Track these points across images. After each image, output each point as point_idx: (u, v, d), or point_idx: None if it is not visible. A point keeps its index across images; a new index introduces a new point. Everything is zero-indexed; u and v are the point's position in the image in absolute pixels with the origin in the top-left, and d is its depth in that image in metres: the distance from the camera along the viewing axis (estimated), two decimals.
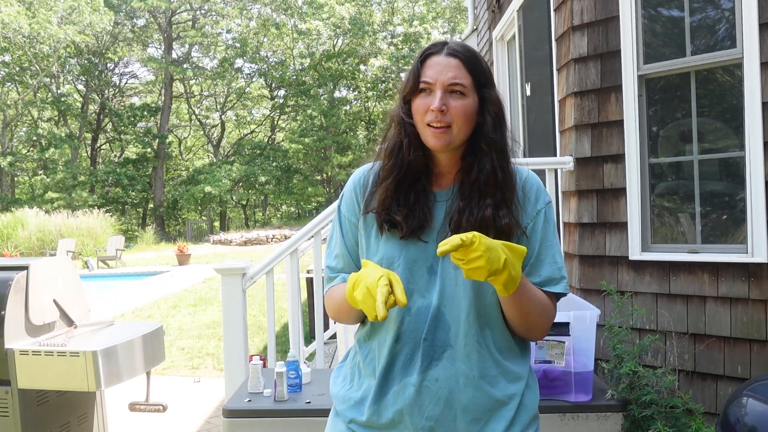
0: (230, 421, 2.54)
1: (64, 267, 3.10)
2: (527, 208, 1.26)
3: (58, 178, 28.04)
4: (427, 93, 1.21)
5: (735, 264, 2.67)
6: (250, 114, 35.29)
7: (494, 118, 1.23)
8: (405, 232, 1.23)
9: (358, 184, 1.35)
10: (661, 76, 2.98)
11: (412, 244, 1.23)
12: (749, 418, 1.84)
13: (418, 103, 1.22)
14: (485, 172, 1.22)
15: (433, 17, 29.09)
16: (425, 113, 1.21)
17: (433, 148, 1.23)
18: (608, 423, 2.48)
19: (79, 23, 26.61)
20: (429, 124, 1.20)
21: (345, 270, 1.35)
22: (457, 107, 1.20)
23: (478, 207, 1.22)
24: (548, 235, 1.28)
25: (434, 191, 1.28)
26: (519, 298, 1.17)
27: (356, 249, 1.34)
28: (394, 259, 1.24)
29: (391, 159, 1.27)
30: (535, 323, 1.24)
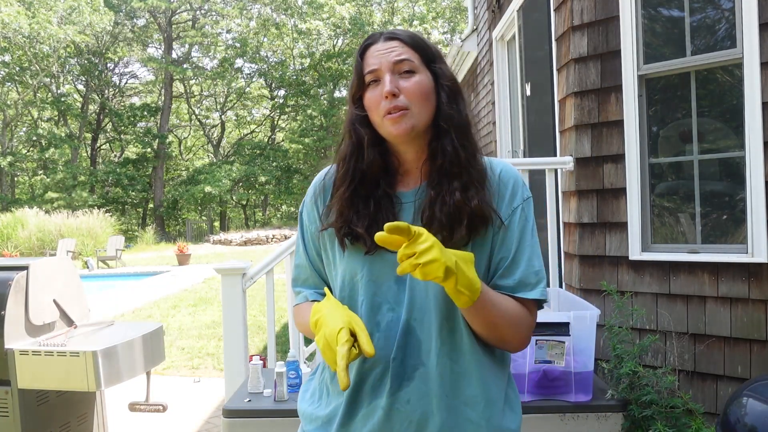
0: (230, 421, 2.55)
1: (64, 267, 3.10)
2: (502, 203, 1.14)
3: (58, 178, 28.03)
4: (375, 84, 1.11)
5: (735, 264, 2.67)
6: (250, 114, 35.29)
7: (449, 93, 1.13)
8: (369, 245, 1.10)
9: (317, 190, 1.24)
10: (661, 76, 2.98)
11: (378, 256, 1.11)
12: (749, 418, 1.85)
13: (369, 97, 1.12)
14: (448, 153, 1.11)
15: (433, 17, 29.08)
16: (379, 104, 1.10)
17: (397, 138, 1.11)
18: (608, 423, 2.48)
19: (79, 23, 26.60)
20: (386, 114, 1.09)
21: (309, 282, 1.25)
22: (410, 86, 1.10)
23: (449, 193, 1.10)
24: (526, 235, 1.14)
25: (399, 193, 1.16)
26: (481, 309, 1.05)
27: (319, 260, 1.23)
28: (356, 273, 1.13)
29: (344, 166, 1.16)
30: (507, 335, 1.10)
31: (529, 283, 1.12)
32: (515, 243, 1.13)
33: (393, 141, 1.13)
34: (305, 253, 1.25)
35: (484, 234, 1.11)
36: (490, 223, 1.10)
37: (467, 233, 1.09)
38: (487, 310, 1.05)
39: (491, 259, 1.14)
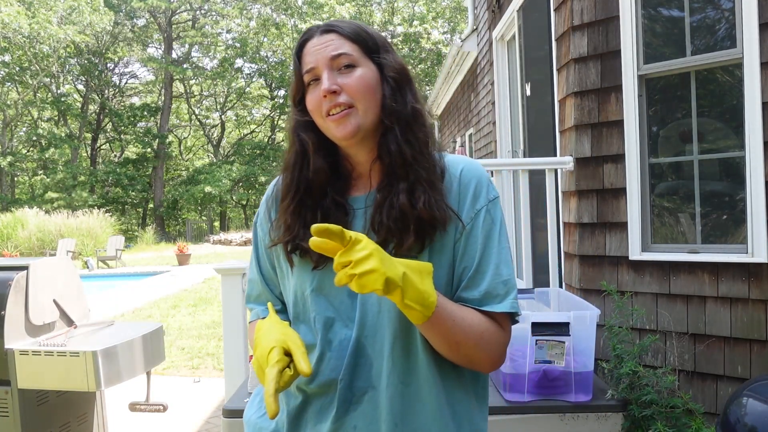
0: (230, 421, 2.54)
1: (64, 267, 3.10)
2: (463, 206, 1.02)
3: (58, 178, 28.05)
4: (315, 83, 1.02)
5: (735, 264, 2.67)
6: (250, 114, 35.31)
7: (393, 86, 1.03)
8: (316, 259, 1.01)
9: (269, 201, 1.15)
10: (661, 76, 2.98)
11: (328, 269, 1.00)
12: (749, 418, 1.84)
13: (310, 98, 1.03)
14: (392, 152, 1.01)
15: (433, 17, 29.09)
16: (320, 105, 1.00)
17: (343, 140, 1.01)
18: (608, 423, 2.48)
19: (79, 23, 26.62)
20: (328, 114, 1.00)
21: (261, 299, 1.16)
22: (351, 81, 1.00)
23: (395, 196, 0.99)
24: (492, 240, 1.01)
25: (351, 198, 1.06)
26: (438, 326, 0.93)
27: (274, 274, 1.14)
28: (306, 288, 1.04)
29: (288, 176, 1.07)
30: (474, 354, 0.98)
31: (497, 294, 0.99)
32: (479, 250, 1.00)
33: (340, 144, 1.04)
34: (258, 267, 1.16)
35: (442, 240, 1.00)
36: (442, 228, 0.99)
37: (416, 240, 0.98)
38: (446, 327, 0.94)
39: (454, 268, 1.02)
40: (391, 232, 0.98)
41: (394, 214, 0.98)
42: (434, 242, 0.99)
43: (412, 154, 1.01)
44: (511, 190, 3.88)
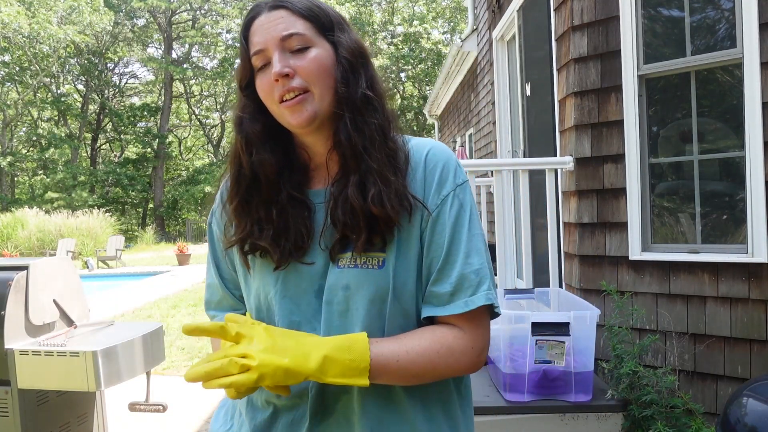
0: None
1: (64, 267, 3.10)
2: (429, 192, 0.94)
3: (58, 178, 28.05)
4: (266, 67, 0.92)
5: (735, 264, 2.67)
6: None
7: (345, 67, 0.93)
8: (278, 260, 0.93)
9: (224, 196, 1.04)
10: (661, 76, 2.98)
11: (292, 270, 0.94)
12: (749, 418, 1.84)
13: (260, 83, 0.94)
14: (343, 143, 0.92)
15: (433, 17, 29.08)
16: (272, 90, 0.91)
17: (298, 128, 0.92)
18: (608, 423, 2.48)
19: (79, 23, 26.61)
20: (281, 100, 0.91)
21: (223, 304, 1.07)
22: (305, 63, 0.90)
23: (345, 188, 0.92)
24: (460, 227, 0.93)
25: (310, 192, 0.98)
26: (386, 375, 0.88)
27: (235, 277, 1.04)
28: (269, 291, 0.96)
29: (233, 170, 0.98)
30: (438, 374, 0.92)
31: (469, 285, 0.91)
32: (447, 238, 0.92)
33: (295, 132, 0.95)
34: (216, 270, 1.06)
35: (409, 231, 0.93)
36: (397, 222, 0.91)
37: (368, 237, 0.90)
38: (394, 371, 0.88)
39: (422, 261, 0.94)
40: (348, 227, 0.91)
41: (348, 208, 0.90)
42: (401, 234, 0.92)
43: (363, 143, 0.92)
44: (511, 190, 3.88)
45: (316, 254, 0.94)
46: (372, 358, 0.86)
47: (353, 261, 0.91)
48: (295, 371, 0.83)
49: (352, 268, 0.91)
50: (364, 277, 0.91)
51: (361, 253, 0.91)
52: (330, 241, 0.93)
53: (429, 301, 0.94)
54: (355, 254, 0.91)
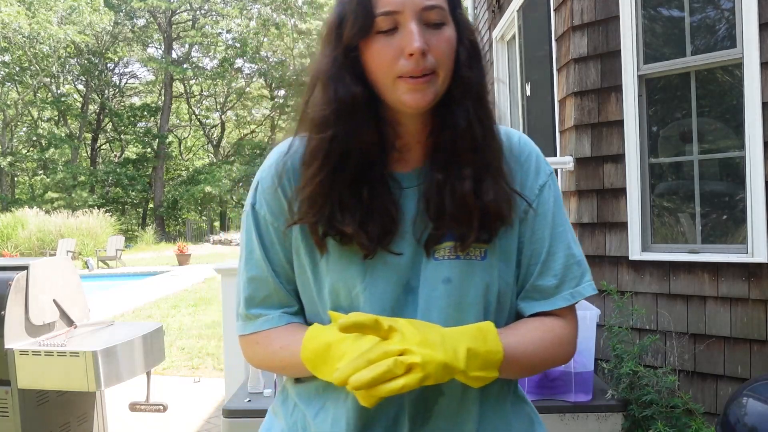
0: (230, 421, 2.54)
1: (64, 267, 3.10)
2: (526, 182, 0.89)
3: (58, 178, 28.07)
4: (390, 33, 0.79)
5: (735, 264, 2.67)
6: (250, 114, 35.32)
7: (470, 50, 0.84)
8: (368, 248, 0.82)
9: (279, 170, 0.88)
10: (661, 76, 2.98)
11: (379, 260, 0.83)
12: (749, 418, 1.84)
13: (379, 49, 0.79)
14: (459, 128, 0.83)
15: None
16: (394, 61, 0.78)
17: (413, 109, 0.81)
18: (608, 423, 2.48)
19: (79, 23, 26.63)
20: (404, 76, 0.79)
21: (271, 301, 0.91)
22: (442, 43, 0.80)
23: (458, 178, 0.83)
24: (559, 216, 0.90)
25: (397, 174, 0.87)
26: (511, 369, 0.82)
27: (288, 268, 0.90)
28: (354, 285, 0.84)
29: (322, 135, 0.83)
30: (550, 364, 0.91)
31: (573, 277, 0.88)
32: (548, 230, 0.89)
33: (402, 110, 0.83)
34: (266, 260, 0.90)
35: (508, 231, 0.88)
36: (509, 221, 0.86)
37: (478, 234, 0.84)
38: (518, 365, 0.83)
39: (522, 254, 0.89)
40: (456, 220, 0.83)
41: (456, 202, 0.83)
42: (500, 239, 0.87)
43: (483, 133, 0.84)
44: None
45: (404, 243, 0.84)
46: (504, 350, 0.79)
47: (453, 252, 0.84)
48: (450, 367, 0.73)
49: (453, 259, 0.84)
50: (468, 269, 0.84)
51: (461, 252, 0.84)
52: (422, 230, 0.84)
53: (531, 296, 0.90)
54: (457, 244, 0.84)
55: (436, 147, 0.86)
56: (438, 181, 0.84)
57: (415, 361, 0.70)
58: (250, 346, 0.95)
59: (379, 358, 0.70)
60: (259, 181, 0.91)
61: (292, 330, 0.89)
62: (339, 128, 0.81)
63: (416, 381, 0.70)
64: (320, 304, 0.88)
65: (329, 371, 0.77)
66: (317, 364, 0.80)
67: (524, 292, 0.90)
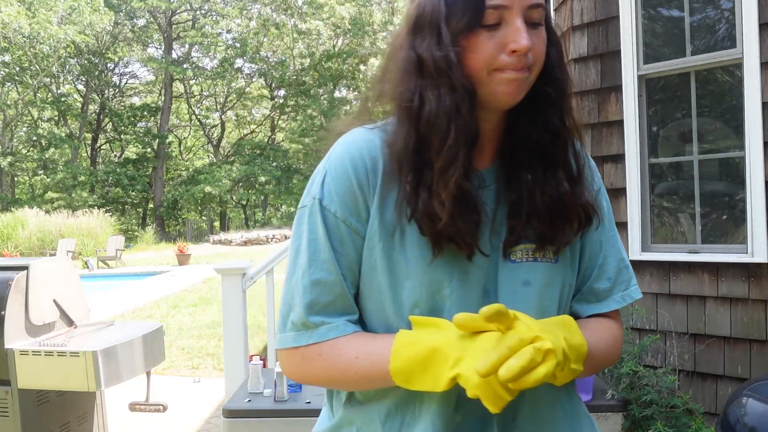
0: (230, 421, 2.54)
1: (64, 267, 3.10)
2: (588, 186, 0.88)
3: (58, 178, 28.06)
4: (494, 27, 0.76)
5: (735, 264, 2.67)
6: (250, 114, 35.31)
7: (559, 52, 0.86)
8: (470, 247, 0.78)
9: (361, 162, 0.81)
10: (661, 76, 2.98)
11: (460, 261, 0.79)
12: (749, 418, 1.84)
13: (482, 42, 0.76)
14: (552, 129, 0.82)
15: None
16: (495, 56, 0.76)
17: (504, 105, 0.79)
18: (608, 423, 2.48)
19: (79, 23, 26.63)
20: (500, 69, 0.76)
21: (335, 307, 0.82)
22: (539, 42, 0.79)
23: (553, 179, 0.82)
24: (611, 220, 0.91)
25: (480, 172, 0.83)
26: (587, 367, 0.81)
27: (356, 271, 0.83)
28: (441, 287, 0.79)
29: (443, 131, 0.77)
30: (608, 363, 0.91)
31: (623, 280, 0.90)
32: (604, 234, 0.90)
33: (493, 104, 0.80)
34: (335, 262, 0.81)
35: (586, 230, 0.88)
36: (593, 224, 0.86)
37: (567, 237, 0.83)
38: (592, 360, 0.81)
39: (581, 257, 0.89)
40: (543, 222, 0.81)
41: (548, 200, 0.81)
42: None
43: (568, 135, 0.84)
44: None
45: (485, 240, 0.80)
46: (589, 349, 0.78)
47: (530, 254, 0.82)
48: (567, 356, 0.71)
49: (530, 261, 0.82)
50: (545, 272, 0.83)
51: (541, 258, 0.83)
52: (500, 231, 0.82)
53: (586, 298, 0.90)
54: (536, 246, 0.82)
55: (513, 144, 0.83)
56: (528, 181, 0.82)
57: (549, 348, 0.68)
58: (308, 360, 0.82)
59: (519, 346, 0.67)
60: (327, 173, 0.82)
61: (365, 338, 0.81)
62: (458, 122, 0.77)
63: (553, 367, 0.68)
64: (394, 308, 0.81)
65: (433, 378, 0.72)
66: (414, 372, 0.74)
67: (580, 295, 0.90)
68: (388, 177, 0.80)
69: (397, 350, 0.75)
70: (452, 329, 0.73)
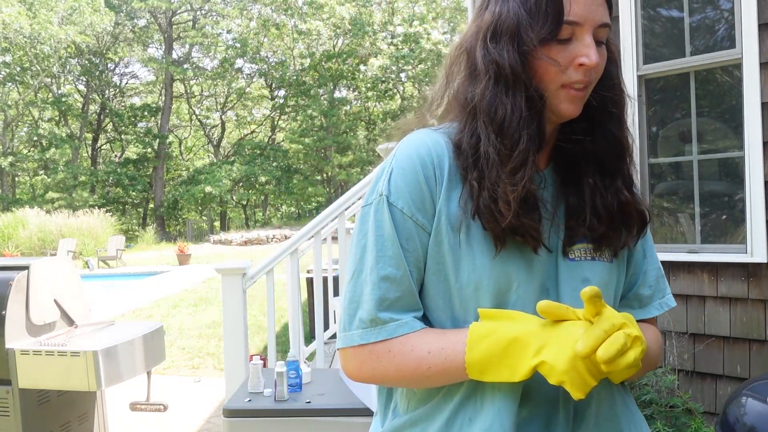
0: (230, 420, 2.55)
1: (64, 267, 3.11)
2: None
3: (59, 178, 28.08)
4: (566, 42, 0.79)
5: (734, 264, 2.67)
6: (250, 114, 35.31)
7: (617, 68, 0.88)
8: (536, 242, 0.80)
9: (429, 159, 0.83)
10: (660, 76, 2.99)
11: (524, 256, 0.81)
12: (748, 417, 1.85)
13: (555, 54, 0.79)
14: (611, 139, 0.86)
15: (433, 17, 29.08)
16: (563, 70, 0.79)
17: (566, 117, 0.82)
18: None
19: (79, 23, 26.65)
20: (567, 85, 0.80)
21: (401, 304, 0.82)
22: (602, 60, 0.82)
23: (612, 186, 0.86)
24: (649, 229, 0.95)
25: (542, 172, 0.87)
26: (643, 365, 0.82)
27: (422, 267, 0.83)
28: (510, 283, 0.80)
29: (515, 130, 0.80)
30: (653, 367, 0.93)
31: (661, 288, 0.95)
32: (646, 242, 0.94)
33: (556, 117, 0.84)
34: (403, 258, 0.81)
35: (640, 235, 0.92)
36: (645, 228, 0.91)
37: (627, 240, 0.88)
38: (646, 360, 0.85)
39: (629, 262, 0.93)
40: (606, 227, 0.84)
41: (609, 206, 0.84)
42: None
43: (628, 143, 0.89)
44: None
45: (546, 241, 0.82)
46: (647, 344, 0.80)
47: (588, 253, 0.85)
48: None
49: (589, 260, 0.84)
50: (603, 271, 0.85)
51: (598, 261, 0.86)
52: (560, 230, 0.84)
53: (630, 304, 0.93)
54: (594, 246, 0.85)
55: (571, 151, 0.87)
56: (591, 185, 0.85)
57: (637, 335, 0.70)
58: (377, 357, 0.81)
59: (612, 330, 0.69)
60: (393, 170, 0.83)
61: (436, 334, 0.81)
62: (532, 126, 0.81)
63: (641, 353, 0.70)
64: (461, 302, 0.82)
65: (511, 368, 0.73)
66: (491, 363, 0.75)
67: (625, 300, 0.93)
68: (453, 174, 0.82)
69: (472, 342, 0.76)
70: (529, 319, 0.75)
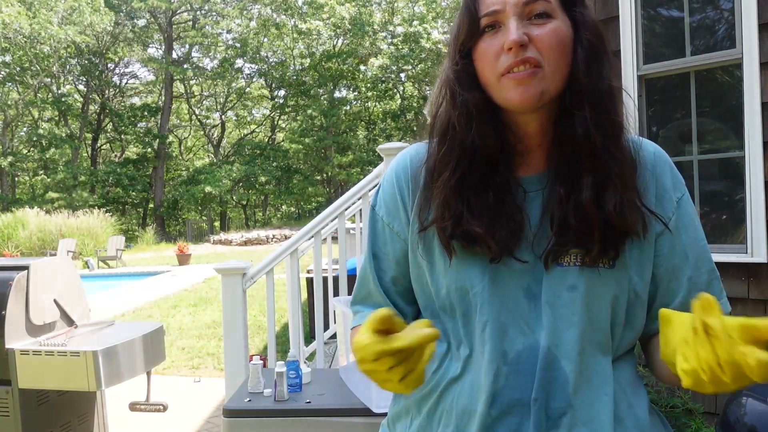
0: (230, 420, 2.55)
1: (64, 267, 3.11)
2: (664, 195, 0.85)
3: (59, 178, 28.08)
4: (493, 31, 0.79)
5: (734, 264, 2.67)
6: (250, 114, 35.33)
7: (589, 50, 0.80)
8: (495, 252, 0.80)
9: (403, 173, 0.91)
10: (660, 76, 2.99)
11: (502, 264, 0.82)
12: (749, 417, 1.85)
13: (483, 48, 0.80)
14: (578, 136, 0.80)
15: (433, 17, 29.09)
16: (496, 58, 0.78)
17: (520, 107, 0.79)
18: None
19: (79, 23, 26.66)
20: (507, 72, 0.77)
21: (371, 299, 0.95)
22: (545, 34, 0.77)
23: (578, 191, 0.80)
24: (700, 230, 0.88)
25: (521, 178, 0.85)
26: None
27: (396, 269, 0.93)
28: (472, 286, 0.83)
29: (447, 143, 0.84)
30: None
31: (715, 292, 0.86)
32: (693, 245, 0.86)
33: (512, 109, 0.81)
34: (372, 262, 0.95)
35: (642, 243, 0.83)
36: (635, 236, 0.81)
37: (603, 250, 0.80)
38: None
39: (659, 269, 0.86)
40: (580, 237, 0.79)
41: (577, 214, 0.79)
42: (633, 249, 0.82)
43: (603, 141, 0.80)
44: None
45: (528, 250, 0.82)
46: None
47: (578, 259, 0.81)
48: None
49: (577, 266, 0.81)
50: (596, 278, 0.81)
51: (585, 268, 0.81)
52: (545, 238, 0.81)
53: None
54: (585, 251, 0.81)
55: (561, 153, 0.83)
56: (560, 194, 0.81)
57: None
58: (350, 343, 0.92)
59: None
60: (382, 182, 0.95)
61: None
62: (463, 134, 0.83)
63: None
64: (438, 303, 0.88)
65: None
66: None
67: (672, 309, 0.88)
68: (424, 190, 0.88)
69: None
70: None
